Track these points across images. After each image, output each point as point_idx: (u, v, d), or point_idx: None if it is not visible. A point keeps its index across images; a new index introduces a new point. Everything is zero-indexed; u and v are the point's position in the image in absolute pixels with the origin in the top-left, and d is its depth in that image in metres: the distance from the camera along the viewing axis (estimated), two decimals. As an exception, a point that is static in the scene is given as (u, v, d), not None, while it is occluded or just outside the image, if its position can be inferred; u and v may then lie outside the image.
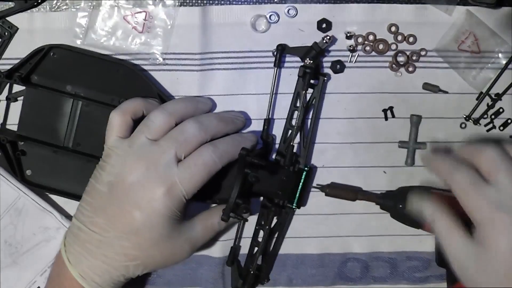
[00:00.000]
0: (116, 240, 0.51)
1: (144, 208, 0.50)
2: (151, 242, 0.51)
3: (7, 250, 0.60)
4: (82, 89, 0.59)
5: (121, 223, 0.51)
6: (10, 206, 0.60)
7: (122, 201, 0.51)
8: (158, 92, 0.57)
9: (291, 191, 0.57)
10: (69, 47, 0.58)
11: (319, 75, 0.58)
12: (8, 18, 0.59)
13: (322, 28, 0.59)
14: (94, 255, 0.51)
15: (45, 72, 0.58)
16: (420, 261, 0.62)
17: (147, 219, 0.50)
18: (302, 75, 0.57)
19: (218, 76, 0.60)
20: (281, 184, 0.57)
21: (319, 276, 0.62)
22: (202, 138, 0.53)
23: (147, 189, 0.50)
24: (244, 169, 0.53)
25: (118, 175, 0.51)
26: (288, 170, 0.57)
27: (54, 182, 0.60)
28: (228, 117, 0.57)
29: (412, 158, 0.61)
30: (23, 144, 0.59)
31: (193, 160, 0.52)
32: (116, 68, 0.58)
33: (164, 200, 0.50)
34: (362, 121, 0.60)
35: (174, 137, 0.52)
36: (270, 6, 0.59)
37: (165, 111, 0.53)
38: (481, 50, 0.59)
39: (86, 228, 0.51)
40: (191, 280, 0.62)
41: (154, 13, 0.59)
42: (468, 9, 0.59)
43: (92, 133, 0.58)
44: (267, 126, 0.59)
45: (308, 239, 0.62)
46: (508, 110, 0.60)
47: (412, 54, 0.60)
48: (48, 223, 0.60)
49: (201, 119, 0.54)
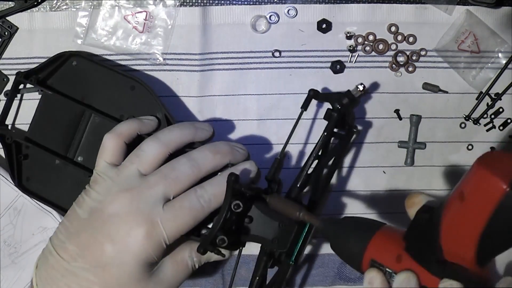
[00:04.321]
0: (82, 272, 0.47)
1: (117, 243, 0.46)
2: (119, 282, 0.47)
3: (6, 250, 0.60)
4: (95, 101, 0.57)
5: (90, 254, 0.47)
6: (9, 205, 0.60)
7: (97, 231, 0.47)
8: (165, 114, 0.56)
9: (288, 242, 0.50)
10: (89, 57, 0.57)
11: (348, 126, 0.55)
12: (8, 18, 0.59)
13: (322, 28, 0.59)
14: (58, 283, 0.47)
15: (62, 79, 0.58)
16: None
17: (118, 255, 0.46)
18: (328, 119, 0.52)
19: (218, 76, 0.60)
20: (279, 231, 0.49)
21: (319, 276, 0.62)
22: (195, 177, 0.49)
23: (125, 224, 0.47)
24: (231, 198, 0.46)
25: (100, 203, 0.48)
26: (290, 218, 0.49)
27: (49, 193, 0.58)
28: (226, 149, 0.52)
29: (411, 158, 0.61)
30: (27, 148, 0.59)
31: (179, 202, 0.48)
32: (131, 84, 0.57)
33: (141, 240, 0.46)
34: (362, 121, 0.60)
35: (164, 174, 0.49)
36: (270, 6, 0.59)
37: (159, 141, 0.50)
38: (481, 50, 0.59)
39: (56, 253, 0.48)
40: (191, 280, 0.62)
41: (155, 13, 0.59)
42: (468, 9, 0.59)
43: (95, 147, 0.56)
44: (276, 166, 0.54)
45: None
46: (508, 110, 0.61)
47: (412, 54, 0.60)
48: (47, 223, 0.59)
49: (195, 155, 0.50)
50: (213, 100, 0.60)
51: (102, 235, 0.47)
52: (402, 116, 0.61)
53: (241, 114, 0.60)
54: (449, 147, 0.61)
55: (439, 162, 0.61)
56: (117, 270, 0.47)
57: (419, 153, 0.61)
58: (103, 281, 0.47)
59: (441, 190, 0.61)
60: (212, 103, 0.60)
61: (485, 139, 0.61)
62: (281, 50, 0.60)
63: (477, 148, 0.61)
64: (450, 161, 0.61)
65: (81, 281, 0.47)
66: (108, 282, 0.47)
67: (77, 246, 0.47)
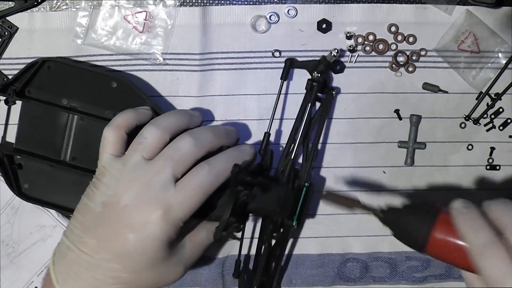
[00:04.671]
0: (107, 262, 0.48)
1: (138, 231, 0.48)
2: (144, 266, 0.49)
3: (5, 250, 0.60)
4: (77, 102, 0.58)
5: (113, 245, 0.48)
6: (6, 204, 0.60)
7: (115, 223, 0.48)
8: (152, 105, 0.56)
9: (290, 208, 0.55)
10: (63, 61, 0.57)
11: (327, 89, 0.57)
12: (8, 18, 0.59)
13: (322, 28, 0.59)
14: (83, 276, 0.48)
15: (40, 86, 0.58)
16: (420, 261, 0.62)
17: (141, 242, 0.48)
18: (309, 89, 0.56)
19: (218, 76, 0.60)
20: (280, 202, 0.54)
21: (318, 276, 0.62)
22: (198, 154, 0.51)
23: (142, 212, 0.48)
24: (237, 187, 0.50)
25: (112, 196, 0.49)
26: (286, 187, 0.55)
27: (51, 196, 0.58)
28: (222, 131, 0.55)
29: (411, 158, 0.61)
30: (20, 158, 0.59)
31: (189, 181, 0.50)
32: (110, 81, 0.57)
33: (160, 224, 0.48)
34: (362, 121, 0.60)
35: (169, 155, 0.50)
36: (270, 6, 0.59)
37: (159, 126, 0.51)
38: (481, 50, 0.59)
39: (76, 248, 0.49)
40: (191, 280, 0.62)
41: (155, 13, 0.59)
42: (468, 9, 0.59)
43: (88, 147, 0.57)
44: (266, 140, 0.58)
45: (308, 239, 0.61)
46: (508, 109, 0.61)
47: (412, 54, 0.60)
48: (44, 221, 0.59)
49: (196, 133, 0.52)
50: (213, 100, 0.60)
51: (122, 225, 0.48)
52: (402, 116, 0.60)
53: (241, 114, 0.60)
54: (449, 147, 0.61)
55: (439, 162, 0.61)
56: (141, 255, 0.48)
57: (419, 153, 0.61)
58: (129, 267, 0.49)
59: (441, 190, 0.61)
60: (212, 103, 0.60)
61: (485, 139, 0.61)
62: (281, 50, 0.60)
63: (477, 148, 0.61)
64: (450, 161, 0.61)
65: (107, 271, 0.48)
66: (134, 267, 0.49)
67: (96, 239, 0.49)
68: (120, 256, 0.48)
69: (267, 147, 0.58)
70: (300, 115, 0.57)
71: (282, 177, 0.56)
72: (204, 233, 0.54)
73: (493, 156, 0.61)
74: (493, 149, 0.61)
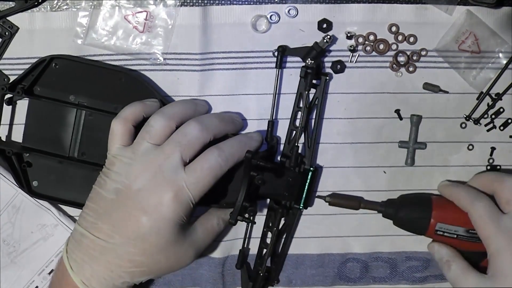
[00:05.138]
0: (122, 246, 0.50)
1: (151, 213, 0.50)
2: (158, 248, 0.50)
3: (6, 249, 0.60)
4: (85, 98, 0.58)
5: (127, 229, 0.50)
6: (7, 203, 0.60)
7: (129, 207, 0.50)
8: (160, 98, 0.57)
9: (297, 192, 0.57)
10: (71, 57, 0.58)
11: (321, 75, 0.58)
12: (9, 18, 0.59)
13: (322, 28, 0.59)
14: (98, 261, 0.50)
15: (48, 83, 0.58)
16: (420, 261, 0.62)
17: (154, 224, 0.50)
18: (304, 76, 0.57)
19: (219, 76, 0.60)
20: (287, 186, 0.57)
21: (318, 277, 0.62)
22: (205, 138, 0.53)
23: (154, 195, 0.50)
24: (250, 172, 0.52)
25: (124, 182, 0.51)
26: (293, 171, 0.57)
27: (61, 193, 0.59)
28: (227, 117, 0.57)
29: (412, 158, 0.61)
30: (28, 155, 0.59)
31: (199, 164, 0.51)
32: (119, 76, 0.58)
33: (172, 205, 0.50)
34: (362, 121, 0.60)
35: (177, 141, 0.52)
36: (270, 6, 0.59)
37: (164, 114, 0.53)
38: (481, 50, 0.59)
39: (90, 234, 0.51)
40: (191, 280, 0.62)
41: (155, 13, 0.59)
42: (468, 9, 0.59)
43: (97, 142, 0.58)
44: (271, 128, 0.59)
45: (308, 239, 0.62)
46: (508, 110, 0.60)
47: (413, 54, 0.60)
48: (46, 220, 0.60)
49: (202, 119, 0.54)
50: (213, 100, 0.60)
51: (135, 209, 0.50)
52: (402, 116, 0.60)
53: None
54: (449, 147, 0.61)
55: (440, 162, 0.61)
56: (156, 237, 0.50)
57: (420, 153, 0.61)
58: (143, 250, 0.50)
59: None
60: (212, 103, 0.60)
61: (485, 139, 0.61)
62: (282, 50, 0.60)
63: (478, 148, 0.61)
64: (450, 161, 0.61)
65: (122, 255, 0.50)
66: (148, 250, 0.50)
67: (111, 224, 0.50)
68: (135, 239, 0.50)
69: (272, 134, 0.59)
70: (297, 102, 0.59)
71: (288, 163, 0.57)
72: (215, 220, 0.56)
73: (493, 156, 0.61)
74: (493, 149, 0.61)
